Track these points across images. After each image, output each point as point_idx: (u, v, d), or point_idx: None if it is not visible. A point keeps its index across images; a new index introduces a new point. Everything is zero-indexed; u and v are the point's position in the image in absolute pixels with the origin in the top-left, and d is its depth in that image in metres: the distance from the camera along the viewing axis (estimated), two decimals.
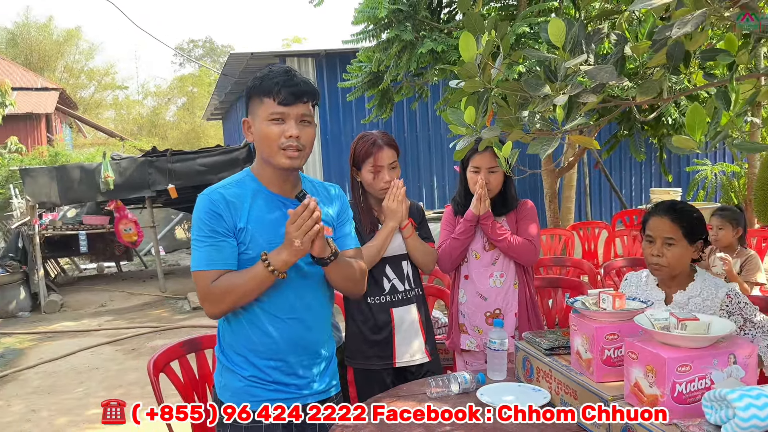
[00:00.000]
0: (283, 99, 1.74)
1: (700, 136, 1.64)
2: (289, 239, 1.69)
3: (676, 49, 1.84)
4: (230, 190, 1.80)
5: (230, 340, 1.87)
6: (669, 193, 8.33)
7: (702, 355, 1.46)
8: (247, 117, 1.85)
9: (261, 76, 1.81)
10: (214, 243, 1.75)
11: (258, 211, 1.80)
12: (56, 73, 25.61)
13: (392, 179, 2.44)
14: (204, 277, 1.75)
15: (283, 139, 1.75)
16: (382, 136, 2.47)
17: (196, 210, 1.80)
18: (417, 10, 5.44)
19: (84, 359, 5.68)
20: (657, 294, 2.28)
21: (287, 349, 1.84)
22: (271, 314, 1.82)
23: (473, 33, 2.00)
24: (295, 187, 1.86)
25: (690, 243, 2.17)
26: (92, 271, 10.61)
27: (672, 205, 2.25)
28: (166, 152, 8.30)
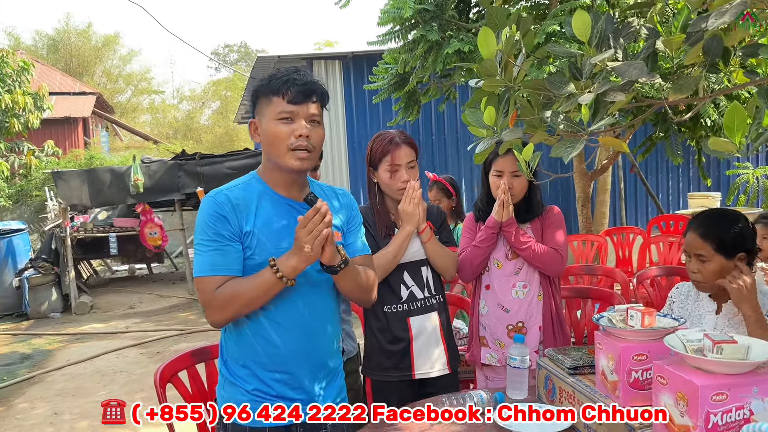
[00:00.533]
0: (292, 97, 1.67)
1: (740, 138, 1.49)
2: (299, 244, 1.61)
3: (714, 44, 1.68)
4: (236, 193, 1.73)
5: (233, 352, 1.79)
6: (708, 198, 8.02)
7: (740, 383, 1.31)
8: (254, 118, 1.77)
9: (270, 75, 1.74)
10: (219, 247, 1.68)
11: (265, 214, 1.73)
12: (95, 78, 26.15)
13: (410, 179, 2.32)
14: (207, 283, 1.68)
15: (292, 139, 1.68)
16: (400, 134, 2.36)
17: (200, 213, 1.73)
18: (444, 9, 5.32)
19: (109, 362, 5.70)
20: (708, 305, 2.13)
21: (293, 360, 1.75)
22: (277, 323, 1.73)
23: (494, 29, 1.88)
24: (303, 190, 1.78)
25: (727, 257, 2.01)
26: (124, 273, 10.73)
27: (705, 219, 2.09)
28: (195, 155, 8.33)
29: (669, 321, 1.70)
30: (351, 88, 8.44)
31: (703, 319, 2.12)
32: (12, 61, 11.35)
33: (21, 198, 12.57)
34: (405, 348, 2.34)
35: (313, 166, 1.96)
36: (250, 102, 1.79)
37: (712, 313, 2.11)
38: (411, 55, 5.43)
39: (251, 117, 1.80)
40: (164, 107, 30.75)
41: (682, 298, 2.25)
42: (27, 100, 11.42)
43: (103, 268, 10.89)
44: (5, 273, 7.82)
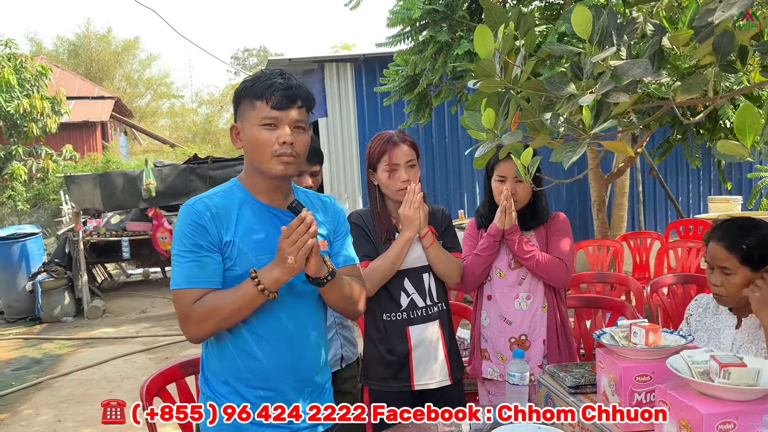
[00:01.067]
0: (276, 102, 1.59)
1: (753, 140, 1.37)
2: (282, 255, 1.52)
3: (725, 40, 1.56)
4: (215, 200, 1.64)
5: (215, 367, 1.70)
6: (728, 202, 7.80)
7: (749, 410, 1.19)
8: (236, 122, 1.69)
9: (252, 78, 1.66)
10: (197, 258, 1.59)
11: (246, 223, 1.64)
12: (114, 83, 26.43)
13: (410, 179, 2.22)
14: (185, 296, 1.59)
15: (276, 145, 1.60)
16: (398, 133, 2.28)
17: (178, 222, 1.64)
18: (454, 10, 5.22)
19: (117, 367, 5.67)
20: (727, 319, 2.01)
21: (277, 375, 1.67)
22: (260, 337, 1.65)
23: (492, 27, 1.78)
24: (287, 198, 1.70)
25: (753, 270, 1.88)
26: (138, 277, 10.75)
27: (730, 228, 1.95)
28: (207, 159, 8.31)
29: (676, 338, 1.58)
30: (363, 90, 8.36)
31: (722, 334, 2.00)
32: (30, 66, 11.46)
33: (38, 202, 12.71)
34: (404, 358, 2.25)
35: (298, 172, 1.88)
36: (233, 105, 1.72)
37: (731, 327, 1.98)
38: (421, 57, 5.34)
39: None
40: (183, 111, 31.01)
41: (700, 311, 2.12)
42: (45, 105, 11.53)
43: (118, 271, 10.93)
44: (19, 277, 7.84)
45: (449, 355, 2.31)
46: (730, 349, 1.94)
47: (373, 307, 2.27)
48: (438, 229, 2.33)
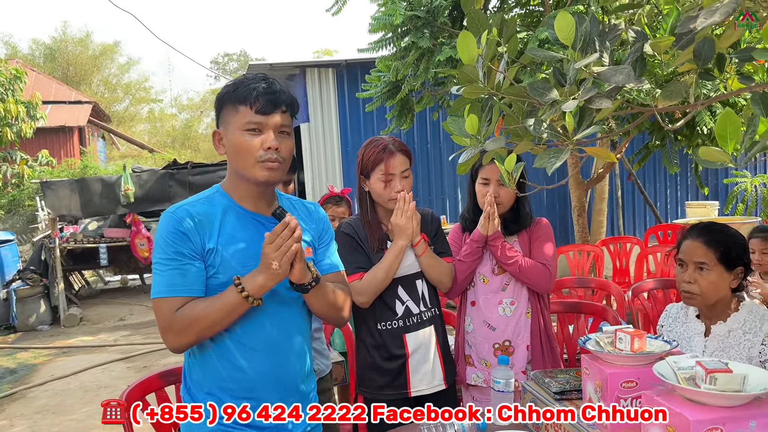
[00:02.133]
0: (261, 107, 1.57)
1: (734, 147, 1.38)
2: (266, 261, 1.50)
3: (705, 47, 1.58)
4: (197, 207, 1.61)
5: (197, 377, 1.67)
6: (706, 207, 7.91)
7: (736, 416, 1.19)
8: (218, 128, 1.66)
9: (235, 83, 1.63)
10: (179, 266, 1.56)
11: (230, 230, 1.61)
12: (92, 87, 26.11)
13: (404, 189, 2.20)
14: (166, 304, 1.56)
15: (261, 151, 1.58)
16: (393, 141, 2.23)
17: (159, 229, 1.61)
18: (436, 16, 5.23)
19: (94, 377, 5.57)
20: (696, 326, 2.02)
21: (262, 385, 1.63)
22: (244, 345, 1.62)
23: (475, 33, 1.78)
24: (271, 204, 1.68)
25: (727, 269, 1.91)
26: (116, 284, 10.60)
27: (707, 227, 1.99)
28: (187, 164, 8.23)
29: (661, 344, 1.59)
30: (345, 96, 8.34)
31: (692, 342, 2.01)
32: (5, 70, 11.27)
33: (13, 208, 12.48)
34: (401, 365, 2.23)
35: (283, 179, 1.85)
36: (215, 110, 1.69)
37: (701, 335, 2.00)
38: (403, 63, 5.34)
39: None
40: (162, 116, 30.72)
41: (670, 320, 2.15)
42: (20, 109, 11.33)
43: (96, 278, 10.76)
44: None
45: (443, 360, 2.30)
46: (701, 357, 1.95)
47: (367, 316, 2.25)
48: (428, 234, 2.32)
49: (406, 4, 5.09)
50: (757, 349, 1.83)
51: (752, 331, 1.87)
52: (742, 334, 1.89)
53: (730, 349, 1.88)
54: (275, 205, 1.67)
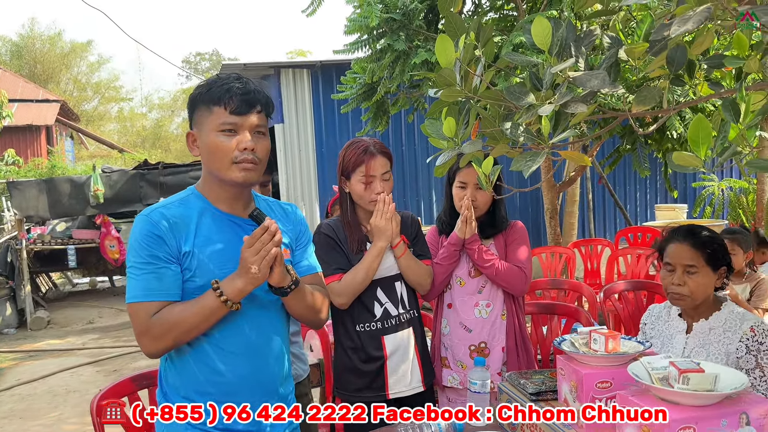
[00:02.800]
0: (236, 108, 1.55)
1: (706, 152, 1.41)
2: (245, 265, 1.48)
3: (678, 54, 1.61)
4: (173, 210, 1.59)
5: (174, 382, 1.64)
6: (674, 210, 8.07)
7: (708, 415, 1.22)
8: (192, 129, 1.63)
9: (208, 83, 1.60)
10: (155, 270, 1.53)
11: (206, 232, 1.59)
12: (60, 86, 25.60)
13: (384, 191, 2.20)
14: (142, 309, 1.53)
15: (236, 152, 1.55)
16: (375, 143, 2.23)
17: (133, 233, 1.57)
18: (411, 19, 5.25)
19: (62, 381, 5.45)
20: (678, 324, 2.07)
21: (240, 388, 1.61)
22: (222, 349, 1.60)
23: (453, 37, 1.79)
24: (248, 206, 1.66)
25: (713, 270, 1.97)
26: (85, 286, 10.41)
27: (692, 230, 2.05)
28: (158, 165, 8.12)
29: (634, 345, 1.62)
30: (320, 97, 8.31)
31: (674, 339, 2.06)
32: None
33: None
34: (379, 367, 2.23)
35: (260, 180, 1.84)
36: (188, 111, 1.66)
37: (682, 332, 2.05)
38: (378, 65, 5.35)
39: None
40: (132, 116, 30.24)
41: (653, 319, 2.20)
42: None
43: (64, 281, 10.55)
44: None
45: (422, 361, 2.30)
46: (682, 353, 1.99)
47: (345, 319, 2.25)
48: (408, 236, 2.32)
49: (382, 6, 5.10)
50: (734, 346, 1.88)
51: (732, 329, 1.93)
52: (722, 332, 1.94)
53: (709, 346, 1.93)
54: (252, 206, 1.65)
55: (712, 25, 1.64)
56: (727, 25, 1.74)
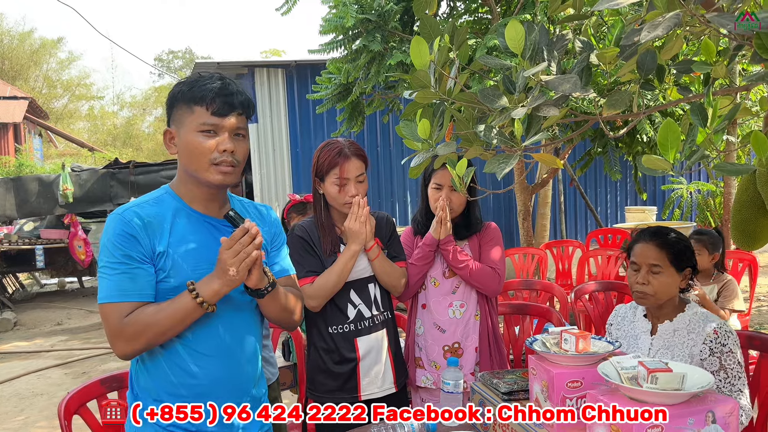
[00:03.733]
0: (217, 109, 1.53)
1: (674, 156, 1.44)
2: (223, 267, 1.47)
3: (648, 58, 1.64)
4: (146, 209, 1.56)
5: (145, 384, 1.61)
6: (644, 212, 8.21)
7: (676, 414, 1.25)
8: (170, 126, 1.61)
9: (190, 81, 1.58)
10: (128, 270, 1.50)
11: (181, 232, 1.57)
12: (29, 83, 25.07)
13: (359, 193, 2.19)
14: (115, 310, 1.49)
15: (215, 153, 1.54)
16: (350, 145, 2.21)
17: (106, 233, 1.54)
18: (387, 20, 5.26)
19: (29, 384, 5.34)
20: (643, 325, 2.10)
21: (214, 390, 1.60)
22: (196, 351, 1.58)
23: (428, 39, 1.80)
24: (223, 206, 1.65)
25: (677, 271, 2.01)
26: (53, 287, 10.21)
27: (658, 231, 2.09)
28: (129, 164, 8.01)
29: (604, 345, 1.64)
30: (294, 97, 8.28)
31: (639, 340, 2.09)
32: None
33: None
34: (352, 369, 2.22)
35: (237, 182, 1.83)
36: (166, 108, 1.63)
37: (647, 333, 2.08)
38: (354, 65, 5.35)
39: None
40: (103, 114, 29.77)
41: (619, 320, 2.23)
42: None
43: (31, 281, 10.33)
44: None
45: (394, 363, 2.30)
46: (648, 354, 2.03)
47: (318, 320, 2.24)
48: (383, 238, 2.32)
49: (358, 7, 5.10)
50: (698, 347, 1.91)
51: (695, 330, 1.96)
52: (686, 333, 1.97)
53: (674, 348, 1.96)
54: (227, 207, 1.65)
55: (681, 31, 1.68)
56: (696, 31, 1.78)
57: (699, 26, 1.61)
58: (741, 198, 2.45)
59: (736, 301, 3.42)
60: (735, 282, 3.51)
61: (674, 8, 1.36)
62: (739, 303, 3.43)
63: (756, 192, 2.34)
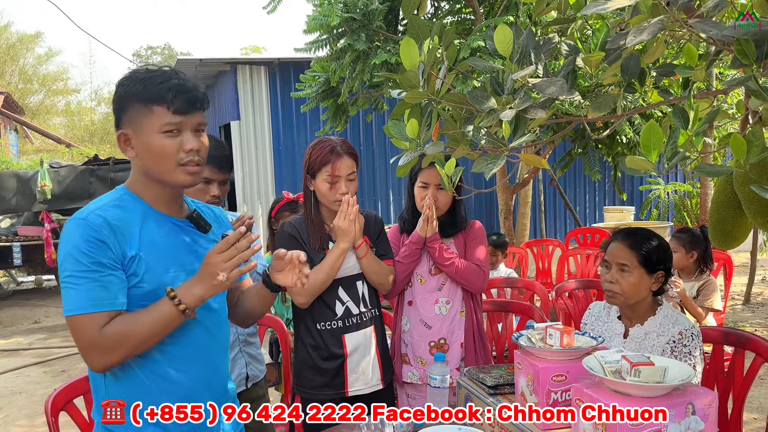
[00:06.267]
0: (178, 107, 1.45)
1: (656, 157, 1.49)
2: (211, 272, 1.41)
3: (632, 62, 1.70)
4: (112, 212, 1.46)
5: (118, 395, 1.50)
6: (622, 212, 8.34)
7: (657, 406, 1.29)
8: (123, 128, 1.49)
9: (140, 78, 1.47)
10: (99, 278, 1.40)
11: (150, 235, 1.49)
12: (5, 77, 24.63)
13: (349, 192, 2.21)
14: (89, 321, 1.39)
15: (182, 153, 1.47)
16: (342, 143, 2.23)
17: (69, 239, 1.42)
18: (371, 20, 5.29)
19: (8, 382, 5.27)
20: (616, 327, 2.13)
21: (195, 394, 1.55)
22: (174, 356, 1.51)
23: (417, 40, 1.83)
24: (182, 208, 1.60)
25: (648, 272, 2.03)
26: (30, 285, 10.05)
27: (633, 232, 2.12)
28: (109, 161, 7.93)
29: (587, 340, 1.69)
30: (277, 95, 8.26)
31: (612, 342, 2.12)
32: None
33: None
34: (339, 365, 2.24)
35: (201, 180, 1.81)
36: (114, 109, 1.51)
37: (620, 336, 2.11)
38: (339, 64, 5.37)
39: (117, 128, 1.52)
40: (80, 110, 29.35)
41: (593, 319, 2.25)
42: None
43: (7, 279, 10.17)
44: None
45: (382, 360, 2.32)
46: None
47: (306, 317, 2.26)
48: (371, 236, 2.34)
49: (342, 5, 5.12)
50: (663, 348, 1.96)
51: (665, 333, 2.00)
52: (656, 336, 2.01)
53: (645, 351, 1.99)
54: (185, 208, 1.61)
55: (662, 36, 1.73)
56: (676, 36, 1.84)
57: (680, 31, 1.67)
58: (718, 199, 2.52)
59: (714, 299, 3.51)
60: (715, 282, 3.60)
61: (658, 14, 1.41)
62: (716, 302, 3.52)
63: (733, 193, 2.41)
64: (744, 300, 6.67)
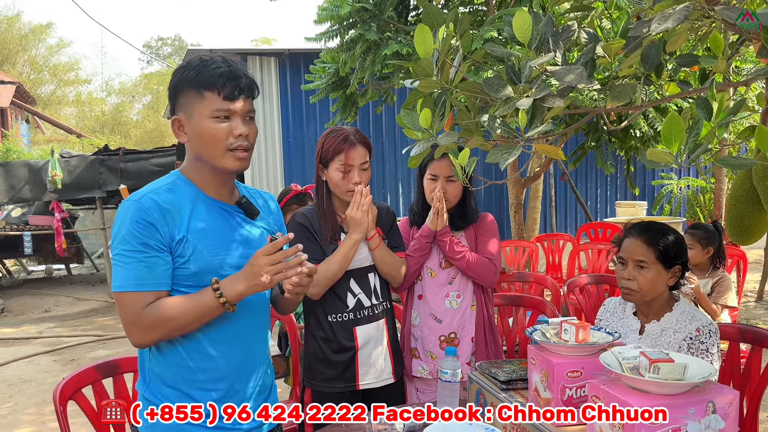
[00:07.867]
0: (228, 93, 1.51)
1: (678, 149, 1.44)
2: (255, 271, 1.46)
3: (652, 51, 1.65)
4: (164, 196, 1.53)
5: (160, 372, 1.58)
6: (634, 207, 8.26)
7: (677, 404, 1.26)
8: (177, 114, 1.57)
9: (194, 66, 1.53)
10: (145, 259, 1.47)
11: (199, 218, 1.56)
12: (17, 67, 24.72)
13: (362, 181, 2.17)
14: (133, 299, 1.47)
15: (231, 138, 1.53)
16: (355, 132, 2.20)
17: (122, 220, 1.51)
18: (382, 10, 5.24)
19: (18, 370, 5.30)
20: (632, 323, 2.08)
21: (233, 375, 1.60)
22: (216, 339, 1.58)
23: (431, 27, 1.79)
24: (233, 193, 1.65)
25: (665, 267, 1.98)
26: (41, 274, 10.12)
27: (648, 226, 2.05)
28: (119, 151, 7.93)
29: (604, 335, 1.65)
30: (287, 86, 8.23)
31: (627, 338, 2.07)
32: None
33: None
34: (350, 358, 2.21)
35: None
36: (170, 95, 1.60)
37: (636, 332, 2.06)
38: (349, 55, 5.32)
39: (172, 114, 1.61)
40: (91, 100, 29.43)
41: (608, 315, 2.20)
42: None
43: (18, 268, 10.24)
44: None
45: (393, 353, 2.30)
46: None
47: (317, 309, 2.23)
48: (384, 228, 2.31)
49: None
50: (680, 344, 1.92)
51: (681, 330, 1.95)
52: (673, 333, 1.96)
53: (661, 348, 1.95)
54: (236, 193, 1.65)
55: (686, 24, 1.68)
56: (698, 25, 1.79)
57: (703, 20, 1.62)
58: (736, 193, 2.45)
59: (729, 296, 3.45)
60: (729, 278, 3.55)
61: (682, 1, 1.36)
62: (731, 298, 3.46)
63: (752, 187, 2.34)
64: (757, 297, 6.60)
